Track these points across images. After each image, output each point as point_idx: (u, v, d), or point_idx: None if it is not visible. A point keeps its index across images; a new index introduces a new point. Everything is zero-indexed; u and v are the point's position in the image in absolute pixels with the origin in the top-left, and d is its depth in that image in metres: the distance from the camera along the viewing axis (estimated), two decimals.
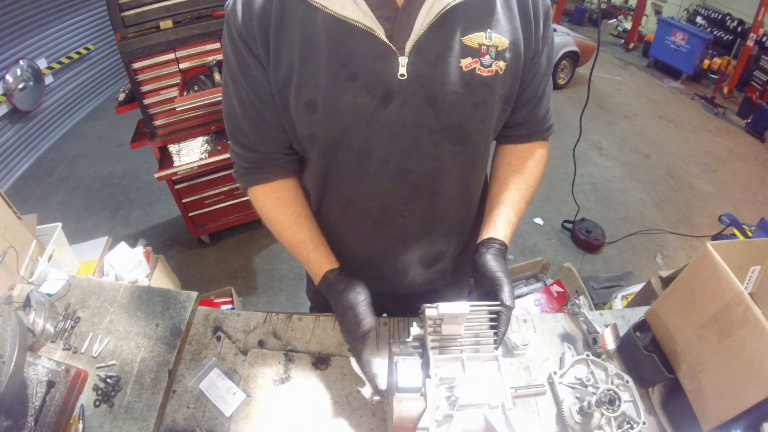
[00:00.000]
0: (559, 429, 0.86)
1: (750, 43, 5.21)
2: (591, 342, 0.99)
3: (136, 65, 2.24)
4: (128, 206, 3.33)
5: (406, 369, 0.67)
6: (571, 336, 1.02)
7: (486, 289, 0.75)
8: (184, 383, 0.91)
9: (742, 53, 5.36)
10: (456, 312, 0.67)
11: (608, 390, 0.85)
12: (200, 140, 2.50)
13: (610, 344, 0.96)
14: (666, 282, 1.60)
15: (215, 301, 2.13)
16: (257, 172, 0.86)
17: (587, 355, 0.94)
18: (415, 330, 0.73)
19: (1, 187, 3.53)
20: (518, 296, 2.21)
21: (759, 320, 0.71)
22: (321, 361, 0.94)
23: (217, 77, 2.32)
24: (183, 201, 2.63)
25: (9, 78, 3.56)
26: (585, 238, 3.03)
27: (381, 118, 0.70)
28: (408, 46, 0.66)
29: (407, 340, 0.73)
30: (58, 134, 4.28)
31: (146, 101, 2.34)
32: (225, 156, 2.40)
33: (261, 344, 0.98)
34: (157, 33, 2.18)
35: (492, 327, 0.72)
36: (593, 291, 2.56)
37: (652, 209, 3.54)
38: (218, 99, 2.21)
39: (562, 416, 0.86)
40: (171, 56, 2.28)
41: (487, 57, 0.69)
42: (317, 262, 0.86)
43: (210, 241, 2.95)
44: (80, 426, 0.85)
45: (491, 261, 0.77)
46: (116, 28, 2.12)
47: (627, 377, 0.90)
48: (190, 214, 2.71)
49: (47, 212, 3.24)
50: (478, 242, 0.83)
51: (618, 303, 2.04)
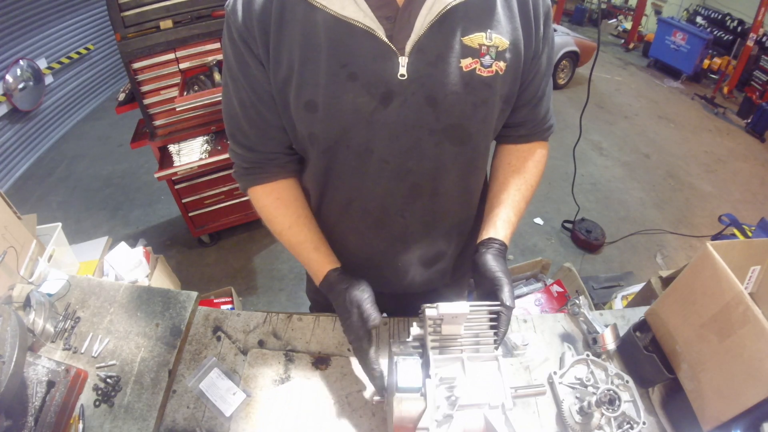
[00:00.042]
0: (559, 429, 0.86)
1: (750, 43, 5.21)
2: (591, 342, 0.99)
3: (136, 65, 2.24)
4: (128, 206, 3.34)
5: (406, 369, 0.67)
6: (571, 336, 1.02)
7: (486, 289, 0.75)
8: (184, 383, 0.91)
9: (742, 53, 5.36)
10: (456, 312, 0.67)
11: (608, 390, 0.85)
12: (200, 140, 2.50)
13: (610, 344, 0.96)
14: (666, 282, 1.60)
15: (215, 301, 2.14)
16: (257, 173, 0.86)
17: (587, 355, 0.94)
18: (415, 330, 0.73)
19: (1, 187, 3.53)
20: (518, 296, 2.21)
21: (759, 320, 0.71)
22: (321, 361, 0.94)
23: (217, 77, 2.32)
24: (183, 201, 2.64)
25: (9, 78, 3.56)
26: (585, 238, 3.03)
27: (381, 118, 0.70)
28: (408, 46, 0.66)
29: (407, 340, 0.73)
30: (58, 134, 4.28)
31: (146, 101, 2.34)
32: (225, 156, 2.40)
33: (261, 344, 0.98)
34: (157, 33, 2.18)
35: (492, 327, 0.72)
36: (593, 291, 2.56)
37: (652, 209, 3.54)
38: (218, 99, 2.21)
39: (562, 416, 0.86)
40: (171, 56, 2.28)
41: (488, 57, 0.69)
42: (318, 262, 0.86)
43: (210, 241, 2.95)
44: (80, 426, 0.85)
45: (491, 261, 0.77)
46: (116, 28, 2.12)
47: (627, 377, 0.89)
48: (190, 214, 2.72)
49: (47, 212, 3.24)
50: (478, 242, 0.83)
51: (618, 303, 2.04)
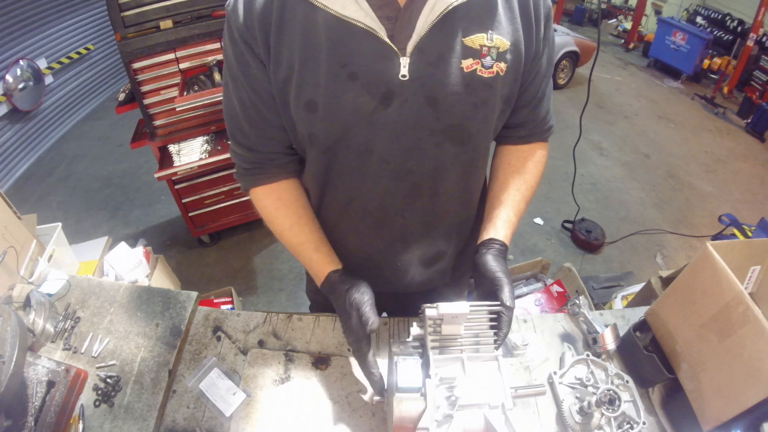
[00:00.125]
0: (559, 429, 0.86)
1: (750, 43, 5.21)
2: (591, 342, 0.99)
3: (136, 65, 2.24)
4: (128, 206, 3.33)
5: (406, 369, 0.67)
6: (571, 336, 1.02)
7: (486, 290, 0.75)
8: (184, 383, 0.91)
9: (742, 53, 5.36)
10: (456, 312, 0.67)
11: (608, 390, 0.85)
12: (200, 140, 2.50)
13: (610, 344, 0.96)
14: (666, 282, 1.60)
15: (215, 301, 2.14)
16: (258, 173, 0.86)
17: (587, 355, 0.94)
18: (415, 330, 0.73)
19: (1, 187, 3.53)
20: (518, 296, 2.21)
21: (759, 320, 0.71)
22: (321, 361, 0.94)
23: (217, 77, 2.32)
24: (183, 201, 2.63)
25: (9, 78, 3.56)
26: (585, 238, 3.03)
27: (381, 118, 0.70)
28: (409, 47, 0.66)
29: (407, 340, 0.73)
30: (58, 134, 4.28)
31: (146, 101, 2.34)
32: (225, 156, 2.40)
33: (261, 344, 0.98)
34: (157, 33, 2.18)
35: (492, 327, 0.72)
36: (593, 291, 2.56)
37: (652, 209, 3.54)
38: (218, 99, 2.21)
39: (562, 416, 0.86)
40: (171, 56, 2.28)
41: (488, 58, 0.69)
42: (319, 263, 0.86)
43: (210, 241, 2.95)
44: (80, 426, 0.85)
45: (491, 261, 0.77)
46: (116, 28, 2.12)
47: (627, 377, 0.89)
48: (190, 214, 2.71)
49: (47, 212, 3.24)
50: (479, 243, 0.83)
51: (618, 303, 2.04)
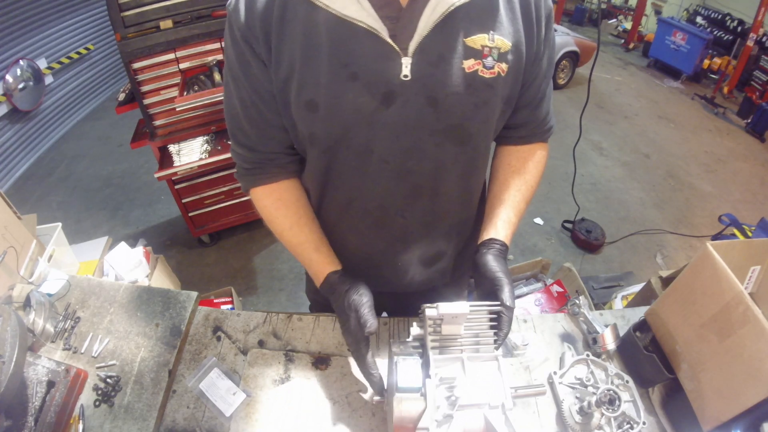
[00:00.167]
0: (559, 429, 0.86)
1: (750, 43, 5.21)
2: (591, 342, 0.99)
3: (136, 65, 2.24)
4: (128, 206, 3.33)
5: (406, 369, 0.67)
6: (571, 336, 1.02)
7: (486, 290, 0.75)
8: (184, 383, 0.91)
9: (742, 53, 5.36)
10: (456, 312, 0.67)
11: (608, 390, 0.85)
12: (200, 140, 2.50)
13: (610, 344, 0.96)
14: (666, 282, 1.60)
15: (215, 301, 2.14)
16: (258, 173, 0.86)
17: (587, 355, 0.94)
18: (415, 330, 0.73)
19: (1, 187, 3.53)
20: (518, 296, 2.21)
21: (759, 320, 0.71)
22: (321, 361, 0.94)
23: (217, 77, 2.32)
24: (183, 201, 2.63)
25: (9, 78, 3.56)
26: (585, 238, 3.03)
27: (382, 119, 0.70)
28: (411, 47, 0.66)
29: (407, 340, 0.73)
30: (58, 134, 4.28)
31: (146, 101, 2.34)
32: (225, 156, 2.40)
33: (261, 344, 0.98)
34: (157, 33, 2.18)
35: (492, 327, 0.72)
36: (593, 291, 2.56)
37: (652, 209, 3.54)
38: (218, 99, 2.21)
39: (562, 416, 0.86)
40: (171, 56, 2.28)
41: (490, 59, 0.69)
42: (319, 264, 0.86)
43: (210, 241, 2.95)
44: (80, 426, 0.85)
45: (492, 261, 0.77)
46: (116, 28, 2.12)
47: (627, 377, 0.89)
48: (190, 214, 2.71)
49: (47, 212, 3.24)
50: (479, 243, 0.83)
51: (618, 303, 2.04)
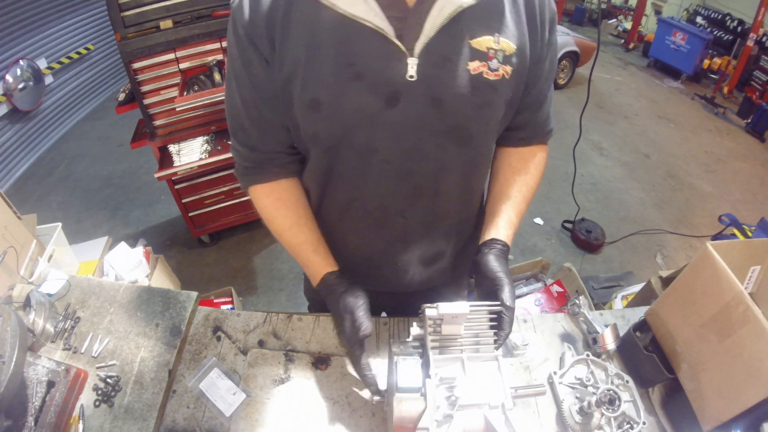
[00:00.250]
0: (559, 429, 0.86)
1: (750, 43, 5.20)
2: (591, 342, 0.99)
3: (136, 65, 2.23)
4: (128, 206, 3.33)
5: (406, 369, 0.67)
6: (571, 336, 1.02)
7: (487, 289, 0.76)
8: (184, 383, 0.91)
9: (742, 53, 5.35)
10: (456, 312, 0.67)
11: (608, 390, 0.85)
12: (200, 140, 2.50)
13: (610, 344, 0.96)
14: (666, 282, 1.60)
15: (215, 301, 2.14)
16: (258, 172, 0.86)
17: (587, 355, 0.94)
18: (415, 330, 0.73)
19: (1, 187, 3.53)
20: (518, 296, 2.21)
21: (759, 320, 0.71)
22: (321, 361, 0.94)
23: (217, 77, 2.31)
24: (183, 201, 2.63)
25: (9, 78, 3.56)
26: (585, 238, 3.02)
27: (386, 119, 0.70)
28: (417, 48, 0.66)
29: (407, 340, 0.73)
30: (58, 134, 4.28)
31: (146, 101, 2.34)
32: (225, 156, 2.40)
33: (261, 344, 0.98)
34: (157, 33, 2.18)
35: (492, 327, 0.72)
36: (593, 291, 2.56)
37: (652, 209, 3.54)
38: (218, 99, 2.21)
39: (562, 416, 0.86)
40: (171, 56, 2.28)
41: (495, 61, 0.69)
42: (316, 264, 0.86)
43: (210, 241, 2.94)
44: (80, 426, 0.85)
45: (493, 261, 0.77)
46: (116, 28, 2.12)
47: (627, 377, 0.90)
48: (190, 214, 2.71)
49: (47, 212, 3.24)
50: (480, 243, 0.83)
51: (618, 303, 2.04)
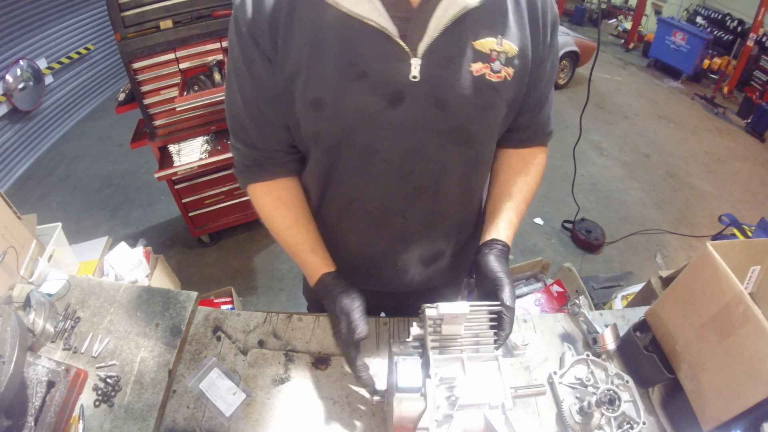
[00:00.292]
0: (559, 429, 0.86)
1: (750, 43, 5.21)
2: (591, 342, 0.99)
3: (136, 65, 2.23)
4: (128, 206, 3.33)
5: (406, 369, 0.67)
6: (571, 336, 1.02)
7: (487, 290, 0.76)
8: (184, 383, 0.91)
9: (742, 53, 5.35)
10: (456, 312, 0.67)
11: (608, 390, 0.85)
12: (200, 140, 2.50)
13: (610, 344, 0.96)
14: (666, 282, 1.60)
15: (215, 301, 2.14)
16: (257, 170, 0.85)
17: (587, 355, 0.94)
18: (415, 330, 0.73)
19: (1, 187, 3.53)
20: (518, 296, 2.21)
21: (759, 320, 0.71)
22: (321, 361, 0.94)
23: (217, 77, 2.31)
24: (183, 201, 2.63)
25: (9, 78, 3.56)
26: (585, 238, 3.02)
27: (388, 119, 0.70)
28: (421, 48, 0.66)
29: (407, 340, 0.73)
30: (58, 134, 4.28)
31: (146, 101, 2.34)
32: (225, 156, 2.40)
33: (261, 344, 0.98)
34: (157, 33, 2.18)
35: (492, 327, 0.72)
36: (593, 291, 2.56)
37: (652, 209, 3.54)
38: (218, 99, 2.20)
39: (562, 416, 0.86)
40: (171, 56, 2.28)
41: (497, 63, 0.69)
42: (314, 265, 0.86)
43: (210, 241, 2.94)
44: (80, 426, 0.85)
45: (493, 261, 0.78)
46: (116, 28, 2.12)
47: (627, 377, 0.90)
48: (190, 214, 2.71)
49: (47, 212, 3.23)
50: (481, 243, 0.83)
51: (618, 303, 2.04)
